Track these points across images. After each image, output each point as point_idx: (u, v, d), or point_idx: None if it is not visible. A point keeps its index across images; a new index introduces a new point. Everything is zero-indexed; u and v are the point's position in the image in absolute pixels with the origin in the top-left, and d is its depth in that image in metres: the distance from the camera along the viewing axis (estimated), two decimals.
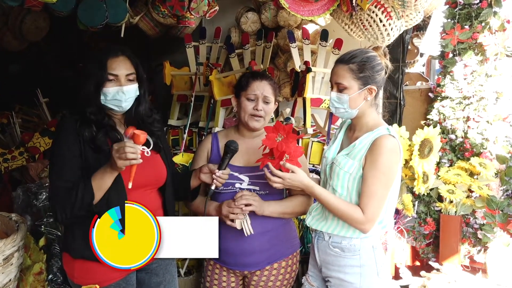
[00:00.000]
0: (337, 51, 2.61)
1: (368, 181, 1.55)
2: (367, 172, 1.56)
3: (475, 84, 2.69)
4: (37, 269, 2.13)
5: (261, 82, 1.84)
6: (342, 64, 1.62)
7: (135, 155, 1.40)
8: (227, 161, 1.68)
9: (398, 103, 3.09)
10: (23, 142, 3.26)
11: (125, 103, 1.58)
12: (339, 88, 1.61)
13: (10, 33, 3.31)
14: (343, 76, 1.60)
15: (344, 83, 1.60)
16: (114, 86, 1.55)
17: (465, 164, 2.56)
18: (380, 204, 1.57)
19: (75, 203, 1.46)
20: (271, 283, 1.86)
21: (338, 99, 1.62)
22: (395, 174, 1.59)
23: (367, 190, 1.55)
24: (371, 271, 1.62)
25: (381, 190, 1.55)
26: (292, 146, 1.59)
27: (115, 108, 1.59)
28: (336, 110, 1.65)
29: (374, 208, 1.55)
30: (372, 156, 1.55)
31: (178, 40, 3.23)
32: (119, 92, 1.55)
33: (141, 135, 1.41)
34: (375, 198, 1.54)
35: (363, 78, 1.59)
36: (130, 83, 1.58)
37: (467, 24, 2.74)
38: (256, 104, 1.82)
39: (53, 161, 1.57)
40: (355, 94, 1.60)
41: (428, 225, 2.59)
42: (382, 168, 1.53)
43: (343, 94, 1.61)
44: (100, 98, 1.56)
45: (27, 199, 2.51)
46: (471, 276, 2.31)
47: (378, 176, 1.54)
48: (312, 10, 2.11)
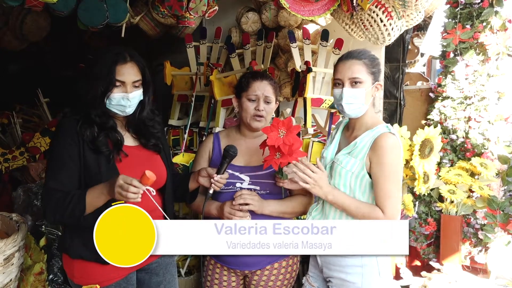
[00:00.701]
0: (337, 51, 2.61)
1: (380, 182, 1.56)
2: (376, 173, 1.57)
3: (477, 84, 2.68)
4: (38, 269, 2.13)
5: (262, 82, 1.84)
6: (355, 59, 1.61)
7: (135, 196, 1.38)
8: (225, 166, 1.68)
9: (398, 103, 3.09)
10: (24, 142, 3.26)
11: (129, 109, 1.59)
12: (354, 83, 1.60)
13: (11, 32, 3.31)
14: (358, 70, 1.60)
15: (361, 77, 1.60)
16: (120, 92, 1.55)
17: (466, 164, 2.56)
18: (397, 201, 1.59)
19: (64, 214, 1.46)
20: (272, 282, 1.86)
21: (353, 94, 1.60)
22: (402, 169, 1.62)
23: (381, 191, 1.57)
24: (373, 271, 1.62)
25: (394, 187, 1.57)
26: (297, 137, 1.60)
27: (119, 113, 1.59)
28: (350, 107, 1.62)
29: (392, 206, 1.57)
30: (377, 157, 1.56)
31: (179, 40, 3.23)
32: (124, 98, 1.55)
33: (150, 178, 1.39)
34: (391, 196, 1.56)
35: (375, 73, 1.62)
36: (136, 89, 1.58)
37: (469, 24, 2.73)
38: (258, 104, 1.82)
39: (50, 161, 1.57)
40: (369, 89, 1.61)
41: (429, 225, 2.59)
42: (390, 167, 1.56)
43: (359, 89, 1.60)
44: (105, 102, 1.56)
45: (27, 199, 2.51)
46: (471, 276, 2.31)
47: (388, 175, 1.56)
48: (312, 10, 2.11)
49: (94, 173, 1.53)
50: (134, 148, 1.66)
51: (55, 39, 4.02)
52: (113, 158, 1.56)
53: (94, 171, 1.53)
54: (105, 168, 1.54)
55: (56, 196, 1.47)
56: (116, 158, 1.57)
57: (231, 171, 1.81)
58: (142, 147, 1.68)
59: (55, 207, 1.47)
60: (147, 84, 1.63)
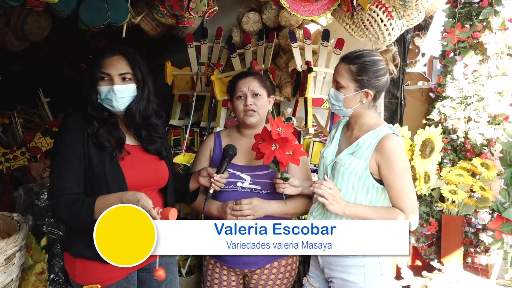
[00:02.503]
0: (338, 51, 2.61)
1: (394, 184, 1.57)
2: (388, 177, 1.58)
3: (476, 84, 2.68)
4: (39, 269, 2.13)
5: (246, 79, 1.86)
6: (344, 63, 1.63)
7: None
8: (225, 165, 1.69)
9: (399, 103, 3.09)
10: (25, 142, 3.26)
11: (116, 103, 1.56)
12: (337, 86, 1.64)
13: (12, 33, 3.31)
14: (342, 75, 1.62)
15: (342, 83, 1.62)
16: (106, 85, 1.56)
17: (467, 164, 2.56)
18: (413, 195, 1.61)
19: (72, 219, 1.50)
20: (271, 281, 1.86)
21: (334, 96, 1.65)
22: (409, 165, 1.65)
23: (397, 191, 1.58)
24: (375, 271, 1.62)
25: (408, 184, 1.59)
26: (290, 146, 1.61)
27: (109, 108, 1.58)
28: (332, 106, 1.69)
29: (411, 202, 1.58)
30: (386, 161, 1.57)
31: (180, 40, 3.23)
32: (110, 91, 1.55)
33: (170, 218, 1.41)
34: (407, 193, 1.58)
35: (361, 81, 1.60)
36: (124, 82, 1.57)
37: (468, 23, 2.73)
38: (245, 100, 1.83)
39: (54, 160, 1.57)
40: (350, 95, 1.61)
41: (431, 226, 2.58)
42: (399, 167, 1.57)
43: (339, 93, 1.63)
44: (97, 96, 1.57)
45: (28, 199, 2.51)
46: (472, 276, 2.31)
47: (400, 175, 1.57)
48: (312, 10, 2.11)
49: (98, 171, 1.53)
50: (136, 147, 1.66)
51: (56, 39, 4.03)
52: (116, 155, 1.56)
53: (98, 168, 1.53)
54: (109, 167, 1.54)
55: (65, 198, 1.49)
56: (119, 155, 1.57)
57: (232, 170, 1.81)
58: (142, 148, 1.68)
59: (63, 210, 1.49)
60: (142, 80, 1.60)
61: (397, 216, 1.56)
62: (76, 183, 1.52)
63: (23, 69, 4.75)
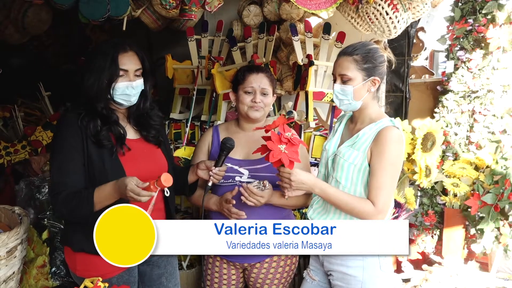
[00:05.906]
0: (339, 44, 2.59)
1: (377, 173, 1.55)
2: (375, 164, 1.56)
3: (482, 78, 2.66)
4: (40, 262, 2.14)
5: (258, 74, 1.84)
6: (345, 56, 1.62)
7: (147, 199, 1.40)
8: (223, 158, 1.69)
9: (404, 96, 3.08)
10: (26, 135, 3.26)
11: (133, 98, 1.61)
12: (343, 80, 1.62)
13: (12, 26, 3.30)
14: (347, 67, 1.60)
15: (349, 74, 1.60)
16: (124, 81, 1.57)
17: (471, 157, 2.55)
18: (390, 195, 1.59)
19: (73, 213, 1.50)
20: (271, 275, 1.87)
21: (342, 91, 1.62)
22: (401, 164, 1.61)
23: (376, 182, 1.56)
24: (374, 265, 1.62)
25: (390, 181, 1.57)
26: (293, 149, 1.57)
27: (124, 103, 1.61)
28: (340, 103, 1.65)
29: (384, 199, 1.56)
30: (378, 148, 1.55)
31: (180, 34, 3.22)
32: (128, 87, 1.58)
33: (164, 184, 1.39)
34: (384, 189, 1.56)
35: (367, 69, 1.60)
36: (138, 78, 1.61)
37: (472, 18, 2.71)
38: (254, 96, 1.82)
39: (54, 154, 1.57)
40: (359, 85, 1.60)
41: (429, 216, 2.59)
42: (389, 159, 1.55)
43: (347, 86, 1.61)
44: (111, 93, 1.57)
45: (30, 193, 2.52)
46: (473, 270, 2.31)
47: (386, 168, 1.55)
48: (319, 4, 2.09)
49: (99, 167, 1.54)
50: (136, 141, 1.67)
51: (57, 32, 4.02)
52: (116, 152, 1.56)
53: (98, 165, 1.54)
54: (109, 163, 1.55)
55: (64, 193, 1.49)
56: (119, 151, 1.57)
57: (230, 164, 1.81)
58: (143, 140, 1.69)
59: (63, 205, 1.50)
60: (147, 74, 1.64)
61: (363, 207, 1.55)
62: (76, 179, 1.52)
63: (23, 63, 4.74)
